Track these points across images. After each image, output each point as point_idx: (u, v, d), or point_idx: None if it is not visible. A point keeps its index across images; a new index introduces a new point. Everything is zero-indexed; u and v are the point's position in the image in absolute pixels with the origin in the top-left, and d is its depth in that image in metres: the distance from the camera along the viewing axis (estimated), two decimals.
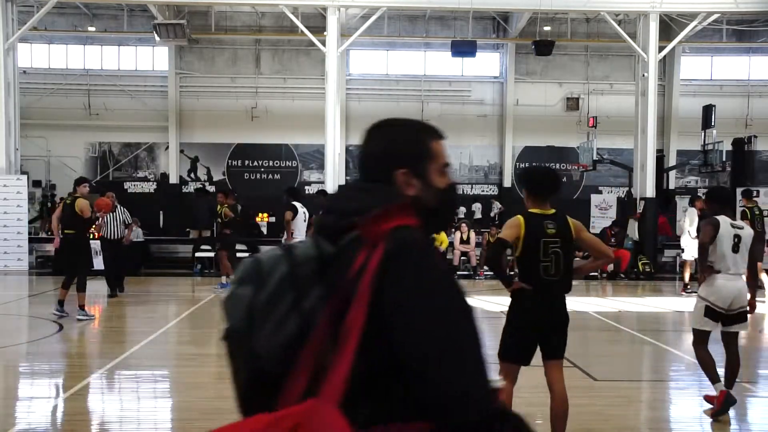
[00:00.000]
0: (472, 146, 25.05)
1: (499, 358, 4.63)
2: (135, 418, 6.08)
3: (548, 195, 4.63)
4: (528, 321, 4.58)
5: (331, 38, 18.67)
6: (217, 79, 24.40)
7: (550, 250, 4.48)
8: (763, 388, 7.40)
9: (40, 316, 11.23)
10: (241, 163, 24.82)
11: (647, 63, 19.05)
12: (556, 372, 4.71)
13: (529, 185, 4.72)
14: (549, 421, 4.81)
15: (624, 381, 7.50)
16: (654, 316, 12.39)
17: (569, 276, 4.60)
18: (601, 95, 24.58)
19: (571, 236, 4.57)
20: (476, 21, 23.69)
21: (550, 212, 4.59)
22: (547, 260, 4.48)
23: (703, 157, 19.98)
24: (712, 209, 6.26)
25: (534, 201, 4.64)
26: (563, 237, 4.53)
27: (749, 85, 25.08)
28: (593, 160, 20.76)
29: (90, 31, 23.79)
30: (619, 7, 19.73)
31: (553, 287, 4.53)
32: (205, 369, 8.02)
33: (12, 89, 18.46)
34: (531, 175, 4.84)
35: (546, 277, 4.50)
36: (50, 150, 24.04)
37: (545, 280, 4.50)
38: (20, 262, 17.86)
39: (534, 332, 4.57)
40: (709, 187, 7.04)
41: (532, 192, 4.66)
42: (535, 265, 4.51)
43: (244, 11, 23.84)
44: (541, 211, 4.59)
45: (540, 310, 4.54)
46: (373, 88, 24.62)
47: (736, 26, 23.59)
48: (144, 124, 24.37)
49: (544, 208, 4.61)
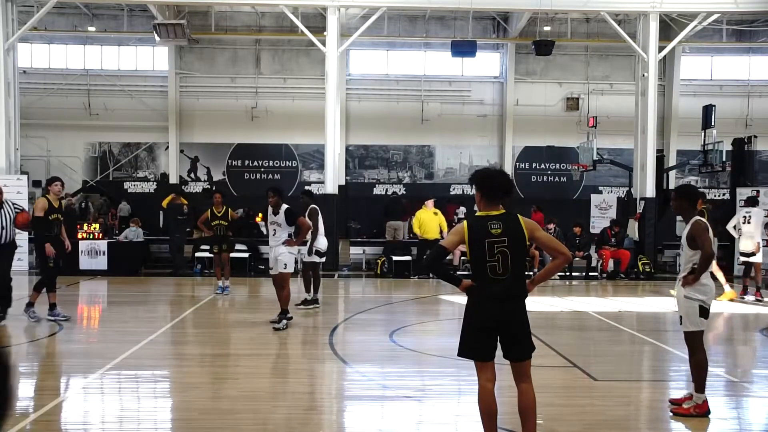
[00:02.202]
0: (472, 146, 25.06)
1: (458, 355, 4.79)
2: (135, 418, 6.08)
3: (500, 197, 4.74)
4: (479, 319, 4.70)
5: (331, 38, 18.68)
6: (217, 79, 24.41)
7: (496, 250, 4.60)
8: (763, 388, 7.39)
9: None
10: (241, 163, 24.83)
11: (647, 63, 19.06)
12: (516, 371, 4.79)
13: (481, 187, 4.78)
14: (549, 421, 4.82)
15: (624, 381, 7.49)
16: (654, 316, 12.39)
17: (521, 275, 4.70)
18: (601, 95, 24.60)
19: (522, 235, 4.65)
20: (476, 21, 23.70)
21: (496, 213, 4.71)
22: (494, 260, 4.60)
23: (703, 157, 19.98)
24: (683, 207, 6.26)
25: (486, 203, 4.76)
26: (511, 237, 4.62)
27: (749, 85, 25.09)
28: (593, 160, 20.76)
29: (90, 31, 23.80)
30: (619, 7, 19.73)
31: (502, 286, 4.61)
32: (205, 369, 8.02)
33: (12, 89, 18.47)
34: (483, 177, 4.85)
35: (493, 276, 4.62)
36: (50, 150, 24.06)
37: (492, 279, 4.62)
38: (20, 262, 17.81)
39: (485, 330, 4.68)
40: (679, 186, 6.83)
41: (484, 194, 4.76)
42: (482, 265, 4.64)
43: (244, 11, 23.85)
44: (487, 212, 4.72)
45: (490, 308, 4.64)
46: (373, 88, 24.63)
47: (736, 26, 23.60)
48: (144, 124, 24.39)
49: (494, 209, 4.73)
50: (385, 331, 9.70)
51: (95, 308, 13.42)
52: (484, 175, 4.90)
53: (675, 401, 6.28)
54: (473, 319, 4.73)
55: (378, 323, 11.16)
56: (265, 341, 9.32)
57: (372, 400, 6.76)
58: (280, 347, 9.26)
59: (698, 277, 6.05)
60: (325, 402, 6.78)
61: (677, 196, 6.35)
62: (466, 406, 6.58)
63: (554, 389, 6.94)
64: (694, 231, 6.09)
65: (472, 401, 6.77)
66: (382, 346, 9.07)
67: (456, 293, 14.84)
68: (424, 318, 12.31)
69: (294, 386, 7.34)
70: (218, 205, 13.86)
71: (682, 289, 6.11)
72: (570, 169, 23.86)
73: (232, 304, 13.52)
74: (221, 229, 13.87)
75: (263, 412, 6.10)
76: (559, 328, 10.99)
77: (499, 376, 4.79)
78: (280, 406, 6.39)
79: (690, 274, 6.07)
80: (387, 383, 7.32)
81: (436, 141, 25.03)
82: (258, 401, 6.40)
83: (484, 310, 4.67)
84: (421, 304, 13.78)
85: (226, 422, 5.82)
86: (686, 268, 6.12)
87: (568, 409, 6.33)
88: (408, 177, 25.19)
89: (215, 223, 13.85)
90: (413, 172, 25.23)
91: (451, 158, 25.21)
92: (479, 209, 4.84)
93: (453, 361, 8.46)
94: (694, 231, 6.09)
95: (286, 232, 10.22)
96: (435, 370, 7.96)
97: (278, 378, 7.75)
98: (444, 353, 8.60)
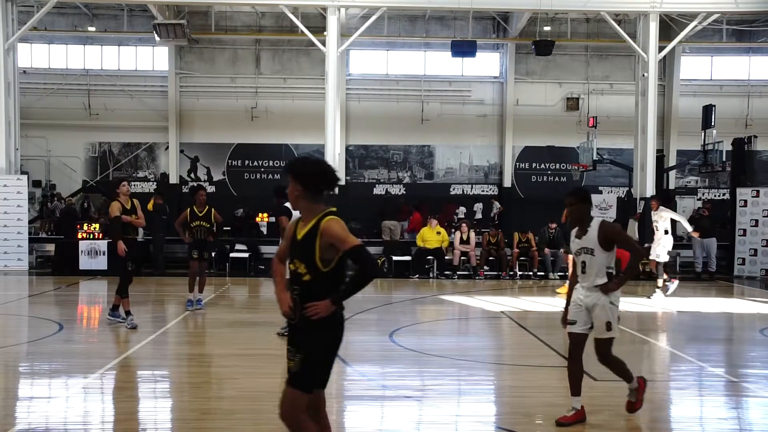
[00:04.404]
0: (472, 146, 25.06)
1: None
2: (135, 418, 6.08)
3: (322, 191, 4.14)
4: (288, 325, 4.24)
5: (331, 38, 18.67)
6: (217, 79, 24.41)
7: (295, 254, 4.09)
8: (763, 388, 7.39)
9: (40, 316, 11.24)
10: (241, 163, 24.82)
11: (647, 63, 19.06)
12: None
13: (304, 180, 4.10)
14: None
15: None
16: (654, 316, 12.38)
17: (321, 281, 4.03)
18: (601, 95, 24.59)
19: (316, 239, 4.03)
20: (476, 21, 23.69)
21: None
22: (292, 265, 4.10)
23: (703, 157, 19.99)
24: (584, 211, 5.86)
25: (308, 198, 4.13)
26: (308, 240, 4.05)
27: (749, 85, 25.08)
28: (593, 160, 20.76)
29: (90, 31, 23.80)
30: (619, 7, 19.73)
31: (303, 290, 4.04)
32: (205, 369, 8.02)
33: (12, 89, 18.47)
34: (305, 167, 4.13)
35: (292, 280, 4.10)
36: (50, 150, 24.05)
37: (293, 284, 4.09)
38: (20, 262, 17.88)
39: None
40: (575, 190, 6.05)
41: (308, 188, 4.10)
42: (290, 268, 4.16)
43: (244, 11, 23.84)
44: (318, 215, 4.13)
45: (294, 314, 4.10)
46: (373, 88, 24.63)
47: (736, 26, 23.59)
48: (144, 124, 24.38)
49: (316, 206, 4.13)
50: (385, 331, 9.69)
51: (95, 308, 13.42)
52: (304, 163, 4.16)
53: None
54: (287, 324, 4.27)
55: (378, 323, 11.16)
56: (265, 341, 9.31)
57: (372, 400, 6.76)
58: (280, 347, 9.25)
59: (624, 281, 5.77)
60: None
61: (578, 200, 5.79)
62: (466, 406, 6.58)
63: (554, 389, 6.93)
64: (609, 233, 5.71)
65: (472, 401, 6.79)
66: (382, 346, 9.06)
67: (456, 293, 14.86)
68: (424, 318, 12.32)
69: None
70: (200, 204, 11.45)
71: (602, 296, 5.71)
72: (570, 169, 23.85)
73: (232, 304, 13.52)
74: (201, 231, 11.43)
75: (263, 412, 6.09)
76: (559, 328, 10.98)
77: (498, 375, 4.79)
78: None
79: (610, 281, 5.73)
80: (387, 383, 7.31)
81: (436, 141, 25.03)
82: (258, 401, 6.40)
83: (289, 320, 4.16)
84: (421, 304, 13.77)
85: (226, 422, 5.81)
86: (600, 273, 5.72)
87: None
88: (408, 177, 25.18)
89: (195, 224, 11.36)
90: (413, 172, 25.22)
91: (451, 158, 25.21)
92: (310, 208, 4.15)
93: (453, 361, 8.47)
94: (609, 233, 5.71)
95: None
96: (435, 370, 7.96)
97: (278, 378, 7.73)
98: (444, 353, 8.60)
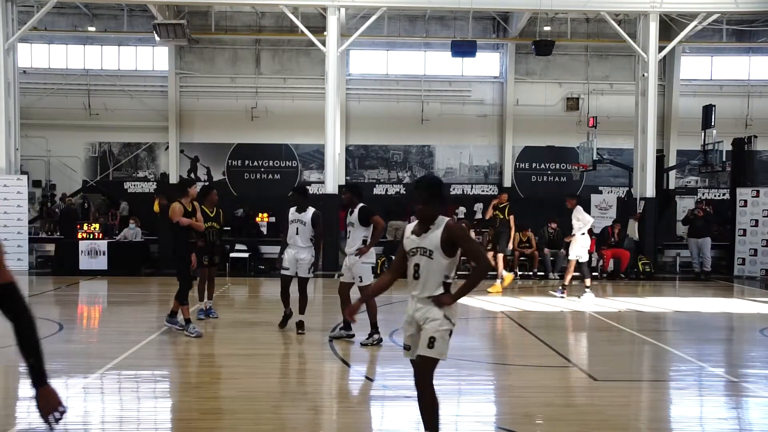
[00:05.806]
0: (472, 146, 25.06)
1: None
2: (135, 418, 6.08)
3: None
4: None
5: (331, 38, 18.67)
6: (217, 79, 24.40)
7: None
8: (763, 388, 7.39)
9: (40, 316, 11.22)
10: (241, 163, 24.82)
11: (647, 63, 19.06)
12: None
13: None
14: (549, 420, 4.80)
15: (624, 381, 7.49)
16: (654, 316, 12.38)
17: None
18: (601, 95, 24.59)
19: None
20: (476, 21, 23.69)
21: None
22: None
23: (703, 157, 19.98)
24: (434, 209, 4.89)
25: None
26: None
27: (749, 85, 25.06)
28: (593, 160, 20.75)
29: (90, 31, 23.79)
30: (619, 7, 19.73)
31: None
32: (205, 369, 8.03)
33: (12, 89, 18.46)
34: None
35: None
36: (50, 150, 24.04)
37: None
38: (20, 262, 17.86)
39: None
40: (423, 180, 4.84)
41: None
42: None
43: (244, 11, 23.84)
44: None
45: None
46: (373, 88, 24.63)
47: (736, 26, 23.59)
48: (144, 124, 24.38)
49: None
50: (385, 331, 9.68)
51: (95, 308, 13.42)
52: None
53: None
54: None
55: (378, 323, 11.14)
56: (265, 341, 9.32)
57: (372, 400, 6.76)
58: (280, 347, 9.26)
59: (463, 295, 4.61)
60: (325, 402, 6.77)
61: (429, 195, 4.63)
62: (466, 406, 6.58)
63: (554, 389, 6.94)
64: (454, 235, 4.54)
65: (472, 401, 6.79)
66: (382, 346, 9.06)
67: None
68: None
69: (294, 386, 7.35)
70: (212, 204, 10.73)
71: (433, 309, 4.56)
72: (570, 169, 23.84)
73: (232, 304, 13.52)
74: (212, 233, 10.69)
75: (263, 412, 6.10)
76: (559, 328, 11.00)
77: (498, 376, 4.79)
78: (280, 406, 6.39)
79: (447, 292, 4.57)
80: (387, 383, 7.32)
81: (436, 141, 25.03)
82: (258, 401, 6.40)
83: None
84: None
85: (226, 422, 5.81)
86: (436, 283, 4.56)
87: (568, 409, 6.33)
88: (408, 177, 25.17)
89: (206, 225, 10.31)
90: (413, 172, 25.21)
91: (451, 158, 25.20)
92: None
93: (453, 361, 8.46)
94: (454, 235, 4.54)
95: (361, 233, 9.46)
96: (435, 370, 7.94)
97: (278, 378, 7.75)
98: None
